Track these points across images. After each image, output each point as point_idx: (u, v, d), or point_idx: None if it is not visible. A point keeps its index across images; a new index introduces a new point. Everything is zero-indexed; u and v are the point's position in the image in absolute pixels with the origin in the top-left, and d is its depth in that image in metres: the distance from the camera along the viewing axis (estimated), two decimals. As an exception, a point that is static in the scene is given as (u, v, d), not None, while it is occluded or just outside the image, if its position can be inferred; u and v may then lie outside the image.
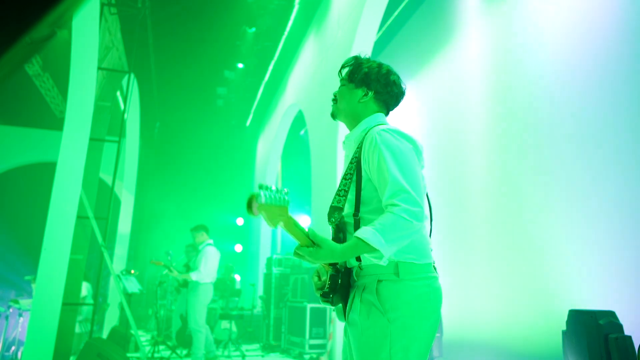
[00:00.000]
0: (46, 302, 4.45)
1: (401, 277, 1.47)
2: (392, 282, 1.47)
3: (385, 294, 1.46)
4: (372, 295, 1.48)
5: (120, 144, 6.33)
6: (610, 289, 3.72)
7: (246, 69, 9.91)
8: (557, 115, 4.53)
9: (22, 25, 0.56)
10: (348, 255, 1.44)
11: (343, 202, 1.56)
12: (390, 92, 1.72)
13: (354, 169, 1.58)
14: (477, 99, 5.71)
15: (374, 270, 1.50)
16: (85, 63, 5.09)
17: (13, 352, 6.87)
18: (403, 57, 7.72)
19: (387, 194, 1.44)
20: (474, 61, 5.84)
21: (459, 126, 6.02)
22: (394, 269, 1.48)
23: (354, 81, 1.72)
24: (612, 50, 4.01)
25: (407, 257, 1.49)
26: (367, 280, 1.52)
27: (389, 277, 1.48)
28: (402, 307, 1.45)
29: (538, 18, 4.90)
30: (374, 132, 1.56)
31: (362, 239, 1.38)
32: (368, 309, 1.47)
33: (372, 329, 1.45)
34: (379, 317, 1.45)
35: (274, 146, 11.04)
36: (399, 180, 1.43)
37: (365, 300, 1.49)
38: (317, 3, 8.05)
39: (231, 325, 7.08)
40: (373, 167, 1.51)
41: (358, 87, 1.71)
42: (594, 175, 4.04)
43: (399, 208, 1.39)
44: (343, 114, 1.74)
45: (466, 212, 5.60)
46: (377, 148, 1.50)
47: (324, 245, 1.41)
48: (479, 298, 5.26)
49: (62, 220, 4.65)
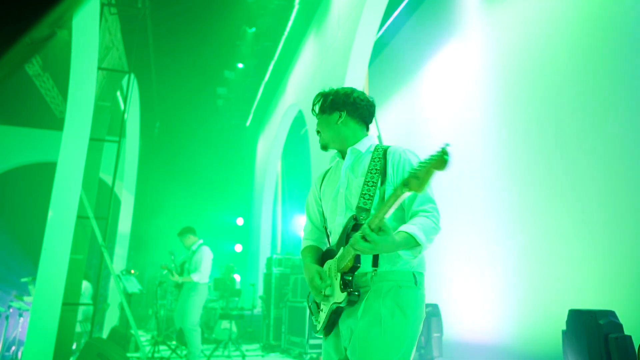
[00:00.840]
0: (46, 302, 4.45)
1: (418, 286, 1.68)
2: (411, 289, 1.66)
3: (407, 298, 1.64)
4: (397, 299, 1.62)
5: (120, 144, 6.33)
6: (610, 289, 3.72)
7: (246, 69, 9.91)
8: (557, 115, 4.53)
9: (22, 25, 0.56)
10: (400, 247, 1.55)
11: (370, 205, 1.69)
12: (359, 106, 1.88)
13: (378, 179, 1.73)
14: (477, 98, 5.71)
15: (393, 277, 1.66)
16: (85, 63, 5.09)
17: (13, 352, 6.87)
18: (403, 57, 7.72)
19: (419, 202, 1.65)
20: (474, 61, 5.84)
21: (458, 126, 6.02)
22: (413, 277, 1.67)
23: (326, 110, 1.89)
24: (613, 48, 4.01)
25: (419, 267, 1.71)
26: (385, 285, 1.65)
27: (409, 284, 1.66)
28: (417, 311, 1.65)
29: (538, 17, 4.90)
30: (399, 149, 1.78)
31: (411, 234, 1.53)
32: (392, 312, 1.61)
33: (392, 330, 1.59)
34: (402, 318, 1.60)
35: (274, 146, 11.04)
36: (427, 192, 1.63)
37: (388, 303, 1.62)
38: (317, 3, 8.05)
39: (231, 325, 7.08)
40: (400, 177, 1.69)
41: (331, 113, 1.88)
42: (594, 174, 4.04)
43: (431, 214, 1.62)
44: (331, 141, 1.89)
45: (466, 212, 5.60)
46: (407, 161, 1.72)
47: (391, 234, 1.49)
48: (479, 298, 5.26)
49: (62, 220, 4.65)
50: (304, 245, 1.98)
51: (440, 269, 5.64)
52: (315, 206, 1.99)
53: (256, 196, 12.64)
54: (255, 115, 12.53)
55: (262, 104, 11.84)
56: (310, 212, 2.02)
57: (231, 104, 11.57)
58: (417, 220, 1.60)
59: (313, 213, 2.00)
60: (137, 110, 9.54)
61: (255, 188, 12.91)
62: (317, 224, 1.98)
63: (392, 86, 7.97)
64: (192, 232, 5.80)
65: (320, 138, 1.92)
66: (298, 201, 11.99)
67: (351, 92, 1.89)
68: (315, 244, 1.96)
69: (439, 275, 5.64)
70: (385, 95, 8.14)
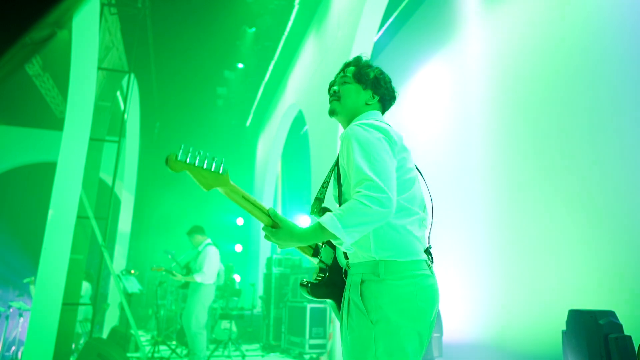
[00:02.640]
0: (46, 302, 4.45)
1: (382, 276, 1.44)
2: (374, 282, 1.45)
3: (367, 294, 1.44)
4: (356, 295, 1.46)
5: (120, 144, 6.33)
6: (610, 289, 3.72)
7: (246, 69, 9.91)
8: (556, 115, 4.53)
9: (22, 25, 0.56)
10: (308, 239, 1.44)
11: (324, 194, 1.61)
12: (392, 98, 1.77)
13: (334, 163, 1.63)
14: (477, 99, 5.71)
15: (358, 269, 1.51)
16: (85, 63, 5.09)
17: (13, 352, 6.87)
18: (403, 57, 7.72)
19: (353, 184, 1.44)
20: (474, 61, 5.84)
21: (459, 126, 6.02)
22: (374, 268, 1.46)
23: (363, 82, 1.71)
24: (613, 48, 4.01)
25: (387, 255, 1.46)
26: (352, 279, 1.52)
27: (370, 277, 1.46)
28: (384, 307, 1.41)
29: (537, 19, 4.90)
30: (348, 127, 1.58)
31: (320, 223, 1.38)
32: (352, 310, 1.47)
33: (357, 331, 1.44)
34: (362, 318, 1.43)
35: (274, 146, 11.04)
36: (363, 169, 1.41)
37: (351, 300, 1.49)
38: (317, 3, 8.05)
39: (231, 325, 7.08)
40: (345, 161, 1.53)
41: (367, 88, 1.71)
42: (594, 175, 4.04)
43: (359, 194, 1.38)
44: (345, 111, 1.71)
45: (466, 211, 5.60)
46: (348, 142, 1.51)
47: (284, 226, 1.45)
48: (479, 298, 5.26)
49: (62, 220, 4.65)
50: None
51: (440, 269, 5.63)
52: None
53: (256, 196, 12.65)
54: (255, 115, 12.53)
55: (262, 104, 11.84)
56: None
57: (231, 104, 11.57)
58: (340, 207, 1.43)
59: None
60: (137, 110, 9.54)
61: (255, 188, 12.91)
62: None
63: (392, 86, 7.96)
64: (200, 232, 5.59)
65: (336, 103, 1.72)
66: (298, 201, 11.99)
67: (390, 81, 1.77)
68: None
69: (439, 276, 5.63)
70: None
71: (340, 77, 1.76)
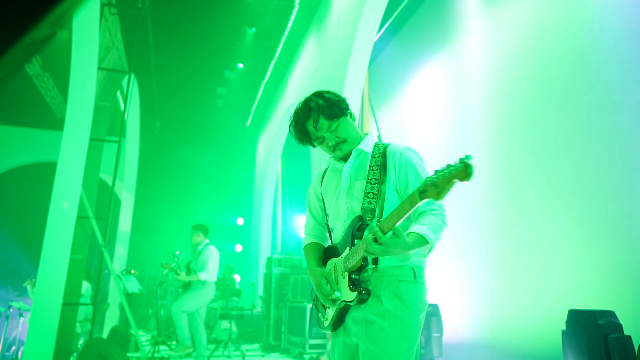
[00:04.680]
0: (46, 302, 4.45)
1: (417, 280, 1.70)
2: (411, 283, 1.68)
3: (407, 291, 1.66)
4: (397, 291, 1.66)
5: (120, 144, 6.33)
6: (610, 289, 3.72)
7: (246, 69, 9.91)
8: (556, 115, 4.53)
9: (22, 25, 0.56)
10: (411, 248, 1.58)
11: (374, 204, 1.70)
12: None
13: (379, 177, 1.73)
14: (477, 99, 5.71)
15: (393, 272, 1.68)
16: (85, 63, 5.09)
17: (13, 352, 6.87)
18: (403, 57, 7.72)
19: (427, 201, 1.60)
20: (474, 61, 5.84)
21: (459, 126, 6.02)
22: (412, 272, 1.69)
23: (343, 113, 1.82)
24: (613, 48, 4.01)
25: (420, 262, 1.73)
26: (385, 279, 1.68)
27: (408, 278, 1.68)
28: (419, 303, 1.69)
29: (537, 19, 4.90)
30: (398, 148, 1.78)
31: (421, 235, 1.57)
32: (394, 303, 1.65)
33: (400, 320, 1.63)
34: (404, 309, 1.64)
35: (274, 146, 11.04)
36: None
37: (389, 296, 1.65)
38: (317, 3, 8.05)
39: (231, 325, 7.08)
40: (403, 179, 1.72)
41: (346, 115, 1.84)
42: (594, 174, 4.04)
43: (438, 212, 1.66)
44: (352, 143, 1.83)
45: (466, 211, 5.60)
46: (409, 163, 1.73)
47: (402, 236, 1.51)
48: (479, 298, 5.26)
49: (62, 220, 4.65)
50: (306, 241, 1.98)
51: (440, 269, 5.63)
52: (317, 202, 1.98)
53: (256, 196, 12.64)
54: (255, 115, 12.53)
55: (262, 104, 11.84)
56: (311, 207, 2.01)
57: (231, 104, 11.57)
58: (426, 220, 1.64)
59: (315, 209, 2.00)
60: (137, 110, 9.54)
61: (255, 188, 12.91)
62: (318, 220, 1.99)
63: (392, 87, 7.97)
64: (204, 232, 5.78)
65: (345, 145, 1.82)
66: (298, 201, 11.98)
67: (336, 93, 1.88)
68: (317, 241, 1.96)
69: (439, 276, 5.64)
70: (385, 95, 8.14)
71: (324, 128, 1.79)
